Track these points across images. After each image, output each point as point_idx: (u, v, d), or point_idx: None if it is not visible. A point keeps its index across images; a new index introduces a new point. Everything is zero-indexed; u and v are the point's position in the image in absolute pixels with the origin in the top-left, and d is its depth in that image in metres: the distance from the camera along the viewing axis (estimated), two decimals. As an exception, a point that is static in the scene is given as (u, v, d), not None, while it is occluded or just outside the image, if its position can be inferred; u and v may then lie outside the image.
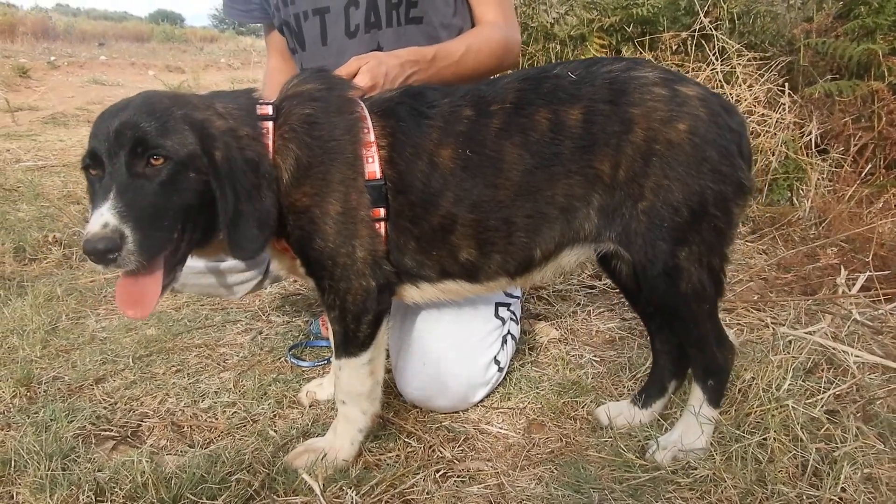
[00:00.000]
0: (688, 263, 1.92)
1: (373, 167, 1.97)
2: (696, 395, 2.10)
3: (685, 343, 2.11)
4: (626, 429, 2.29)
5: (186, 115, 1.84)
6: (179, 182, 1.79)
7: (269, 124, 1.98)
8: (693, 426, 2.08)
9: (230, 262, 2.47)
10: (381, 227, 2.01)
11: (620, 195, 1.93)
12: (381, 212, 1.99)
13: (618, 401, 2.44)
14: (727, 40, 5.00)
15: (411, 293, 2.18)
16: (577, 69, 2.00)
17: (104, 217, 1.68)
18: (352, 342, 2.10)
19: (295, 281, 3.69)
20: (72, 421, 2.37)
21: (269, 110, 2.01)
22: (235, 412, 2.49)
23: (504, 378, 2.62)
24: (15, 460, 2.11)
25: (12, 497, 2.01)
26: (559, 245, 2.03)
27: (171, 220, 1.79)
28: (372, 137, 1.98)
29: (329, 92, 2.05)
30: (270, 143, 1.96)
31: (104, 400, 2.58)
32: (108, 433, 2.37)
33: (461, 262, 2.06)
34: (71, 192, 5.54)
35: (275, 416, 2.48)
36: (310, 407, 2.52)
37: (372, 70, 2.24)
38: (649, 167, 1.88)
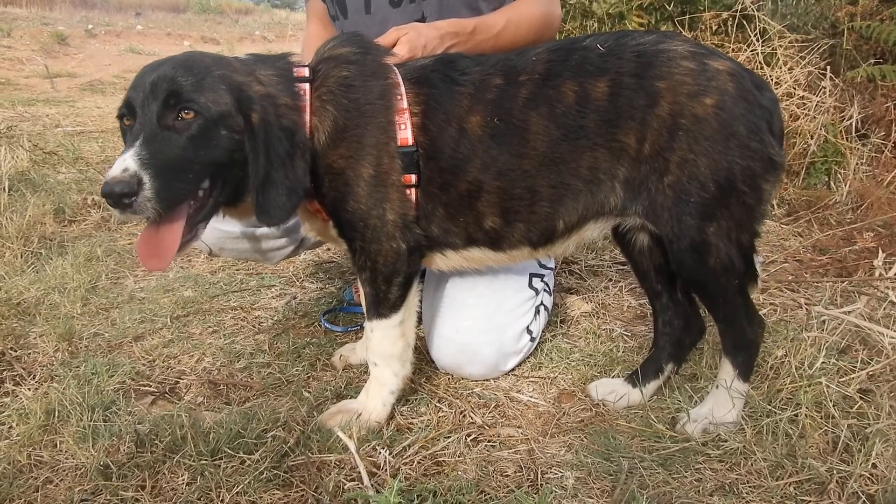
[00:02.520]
0: (716, 239, 1.92)
1: (405, 133, 2.00)
2: (727, 369, 2.11)
3: (715, 318, 2.11)
4: (623, 406, 2.30)
5: (225, 76, 1.87)
6: (209, 139, 1.83)
7: (306, 86, 2.01)
8: (724, 400, 2.09)
9: (265, 229, 2.51)
10: (412, 194, 2.04)
11: (646, 169, 1.93)
12: (413, 178, 2.01)
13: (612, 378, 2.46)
14: (769, 21, 4.92)
15: (437, 261, 2.21)
16: (608, 41, 2.00)
17: (125, 162, 1.71)
18: (383, 303, 2.14)
19: (328, 249, 3.73)
20: (112, 375, 2.44)
21: (306, 72, 2.04)
22: (270, 373, 2.54)
23: (535, 348, 2.64)
24: (59, 410, 2.17)
25: (56, 445, 2.07)
26: (583, 217, 2.05)
27: (195, 174, 1.82)
28: (405, 104, 2.01)
29: (365, 56, 2.08)
30: (308, 104, 1.99)
31: (143, 357, 2.64)
32: (147, 388, 2.43)
33: (485, 230, 2.09)
34: (109, 157, 5.62)
35: (308, 377, 2.52)
36: (343, 370, 2.57)
37: (411, 41, 2.25)
38: (675, 141, 1.88)
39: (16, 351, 2.60)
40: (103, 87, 10.52)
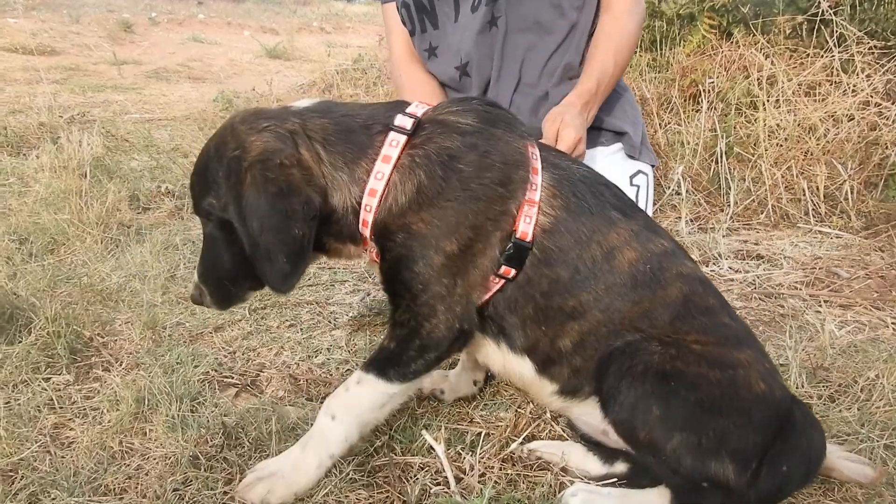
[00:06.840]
0: None
1: (527, 227, 1.80)
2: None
3: None
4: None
5: (221, 160, 1.80)
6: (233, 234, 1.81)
7: (401, 138, 1.83)
8: None
9: None
10: (497, 283, 1.86)
11: None
12: (512, 272, 1.83)
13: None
14: (846, 26, 4.79)
15: (486, 349, 2.00)
16: None
17: (195, 276, 2.02)
18: (395, 367, 1.87)
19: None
20: (197, 366, 2.47)
21: (408, 124, 1.84)
22: (349, 369, 2.55)
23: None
24: (148, 399, 2.22)
25: (145, 433, 2.12)
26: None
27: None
28: (537, 197, 1.83)
29: (486, 130, 1.88)
30: (393, 156, 1.81)
31: (224, 348, 2.68)
32: (229, 380, 2.46)
33: (557, 348, 1.88)
34: (178, 145, 5.69)
35: (387, 377, 2.52)
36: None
37: (566, 140, 2.30)
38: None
39: (103, 337, 2.66)
40: (168, 75, 10.67)
